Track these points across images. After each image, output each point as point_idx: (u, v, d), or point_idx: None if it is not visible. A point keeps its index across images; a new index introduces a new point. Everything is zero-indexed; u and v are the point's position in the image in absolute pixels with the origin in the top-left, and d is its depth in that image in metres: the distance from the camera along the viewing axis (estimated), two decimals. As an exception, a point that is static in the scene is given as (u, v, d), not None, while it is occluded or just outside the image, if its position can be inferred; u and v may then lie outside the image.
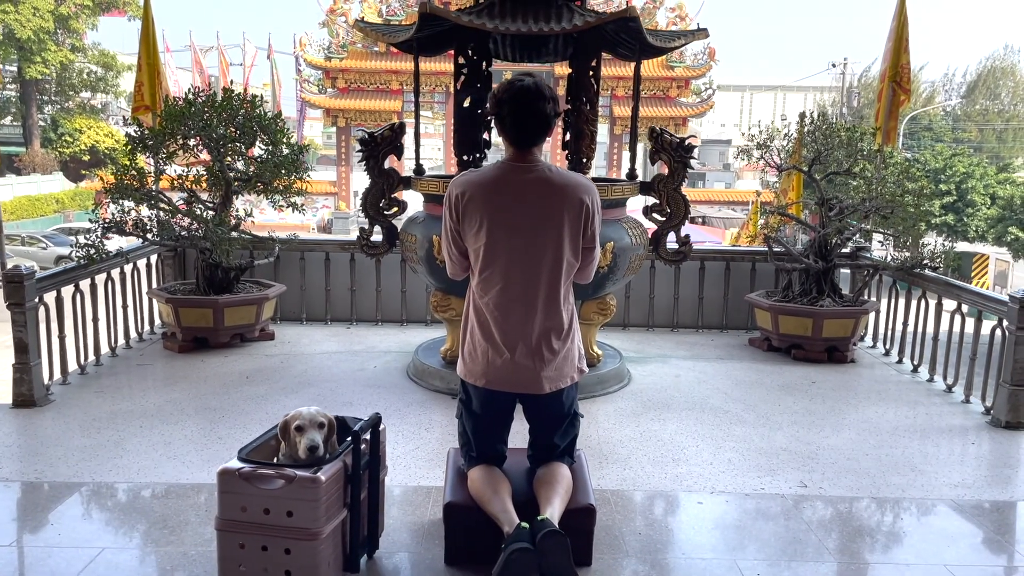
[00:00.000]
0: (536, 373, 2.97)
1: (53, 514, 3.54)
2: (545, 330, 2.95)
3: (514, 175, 2.92)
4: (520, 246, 2.90)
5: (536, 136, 2.91)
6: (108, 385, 5.37)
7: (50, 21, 35.17)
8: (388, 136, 5.33)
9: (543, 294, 2.93)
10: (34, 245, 23.49)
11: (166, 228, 6.15)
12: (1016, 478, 4.25)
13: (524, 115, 2.86)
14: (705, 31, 5.37)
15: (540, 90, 2.84)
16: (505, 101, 2.85)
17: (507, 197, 2.90)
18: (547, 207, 2.90)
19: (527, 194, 2.90)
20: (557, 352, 2.98)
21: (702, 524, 3.62)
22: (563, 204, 2.90)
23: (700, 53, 30.85)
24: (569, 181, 2.95)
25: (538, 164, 2.94)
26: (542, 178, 2.91)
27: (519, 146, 2.92)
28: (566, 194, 2.91)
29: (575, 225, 2.92)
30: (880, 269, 6.49)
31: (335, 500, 2.77)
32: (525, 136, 2.90)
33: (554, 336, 2.97)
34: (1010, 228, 25.88)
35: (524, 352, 2.95)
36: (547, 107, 2.85)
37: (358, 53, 30.17)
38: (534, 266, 2.91)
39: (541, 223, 2.90)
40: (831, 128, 6.56)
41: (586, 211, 2.93)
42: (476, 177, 2.97)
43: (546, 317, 2.95)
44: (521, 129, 2.89)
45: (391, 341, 6.56)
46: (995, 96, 47.13)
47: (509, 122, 2.88)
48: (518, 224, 2.89)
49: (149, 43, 7.27)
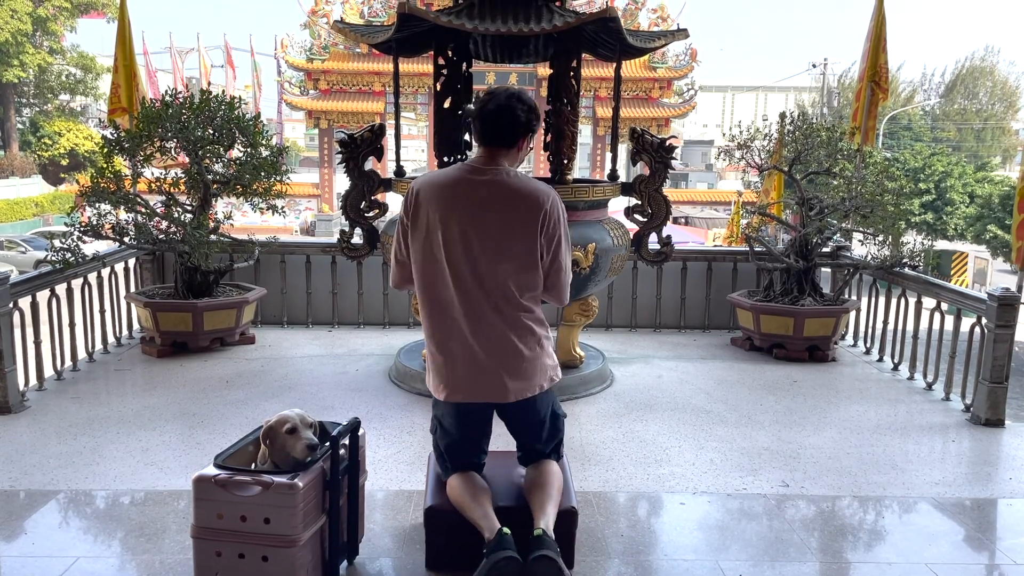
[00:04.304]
0: (500, 382, 2.86)
1: (28, 522, 3.48)
2: (503, 340, 2.83)
3: (471, 176, 2.84)
4: (472, 253, 2.78)
5: (503, 134, 2.84)
6: (85, 391, 5.30)
7: (28, 23, 34.79)
8: (368, 138, 5.29)
9: (494, 304, 2.81)
10: (12, 249, 23.22)
11: (144, 231, 6.08)
12: (996, 475, 4.28)
13: (496, 112, 2.81)
14: (685, 31, 5.39)
15: (520, 95, 2.83)
16: (484, 97, 2.85)
17: (459, 199, 2.81)
18: (500, 213, 2.80)
19: (480, 198, 2.80)
20: (521, 361, 2.86)
21: (685, 525, 3.61)
22: (518, 211, 2.80)
23: (682, 54, 31.01)
24: (527, 187, 2.83)
25: (498, 168, 2.84)
26: (498, 181, 2.82)
27: (484, 141, 2.86)
28: (522, 200, 2.80)
29: (530, 233, 2.79)
30: (860, 268, 6.52)
31: (313, 506, 2.73)
32: (492, 133, 2.84)
33: (517, 345, 2.85)
34: (988, 226, 26.18)
35: (482, 362, 2.84)
36: (520, 109, 2.81)
37: (340, 55, 30.09)
38: (483, 274, 2.79)
39: (493, 230, 2.79)
40: (811, 128, 6.58)
41: (544, 219, 2.80)
42: (433, 176, 2.92)
43: (505, 327, 2.83)
44: (489, 125, 2.83)
45: (373, 344, 6.52)
46: (973, 96, 47.61)
47: (480, 116, 2.84)
48: (469, 231, 2.78)
49: (126, 45, 7.19)
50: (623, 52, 5.35)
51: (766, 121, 6.98)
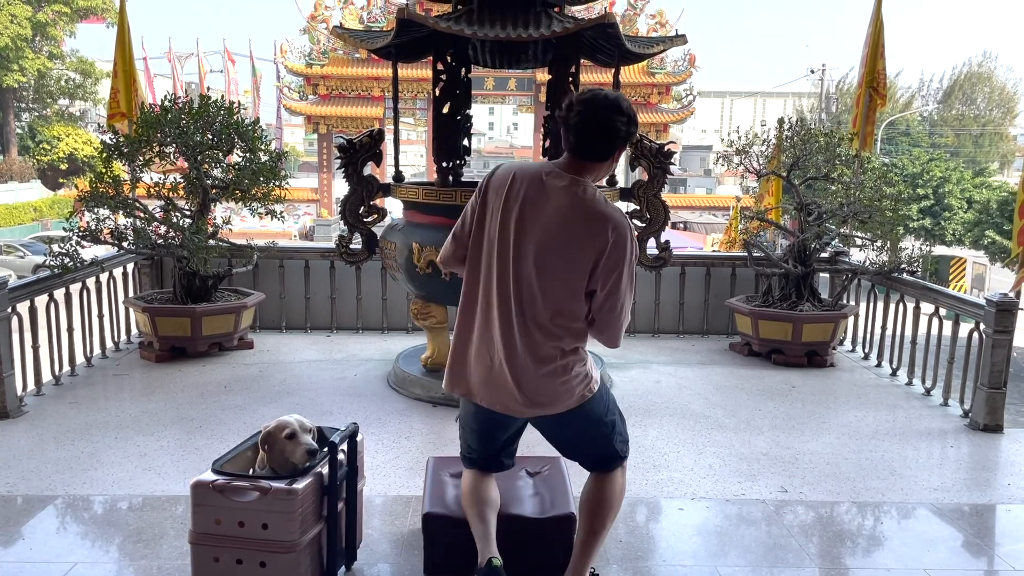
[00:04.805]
0: (512, 396, 2.66)
1: (26, 528, 3.48)
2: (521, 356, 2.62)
3: (548, 179, 2.61)
4: (522, 254, 2.57)
5: (596, 146, 2.59)
6: (83, 396, 5.30)
7: (27, 28, 34.84)
8: (367, 143, 5.30)
9: (524, 318, 2.59)
10: (11, 254, 23.19)
11: (143, 236, 6.08)
12: (995, 481, 4.28)
13: (592, 124, 2.56)
14: (683, 37, 5.39)
15: (619, 104, 2.55)
16: (578, 103, 2.57)
17: (527, 200, 2.59)
18: (562, 228, 2.56)
19: (547, 206, 2.58)
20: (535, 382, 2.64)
21: (683, 531, 3.61)
22: (582, 231, 2.56)
23: (680, 59, 31.04)
24: (601, 210, 2.57)
25: (579, 180, 2.60)
26: (573, 193, 2.58)
27: (575, 152, 2.61)
28: (590, 221, 2.56)
29: (585, 259, 2.55)
30: (859, 273, 6.53)
31: (311, 512, 2.73)
32: (585, 146, 2.59)
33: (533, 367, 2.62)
34: (987, 232, 26.20)
35: (496, 371, 2.66)
36: (620, 122, 2.55)
37: (339, 60, 30.12)
38: (522, 283, 2.58)
39: (549, 243, 2.56)
40: (809, 133, 6.59)
41: (607, 249, 2.54)
42: (515, 166, 2.70)
43: (525, 344, 2.61)
44: (583, 137, 2.58)
45: (372, 349, 6.52)
46: (971, 101, 47.69)
47: (572, 123, 2.57)
48: (527, 232, 2.57)
49: (125, 50, 7.20)
50: (622, 58, 5.36)
51: (764, 126, 6.99)
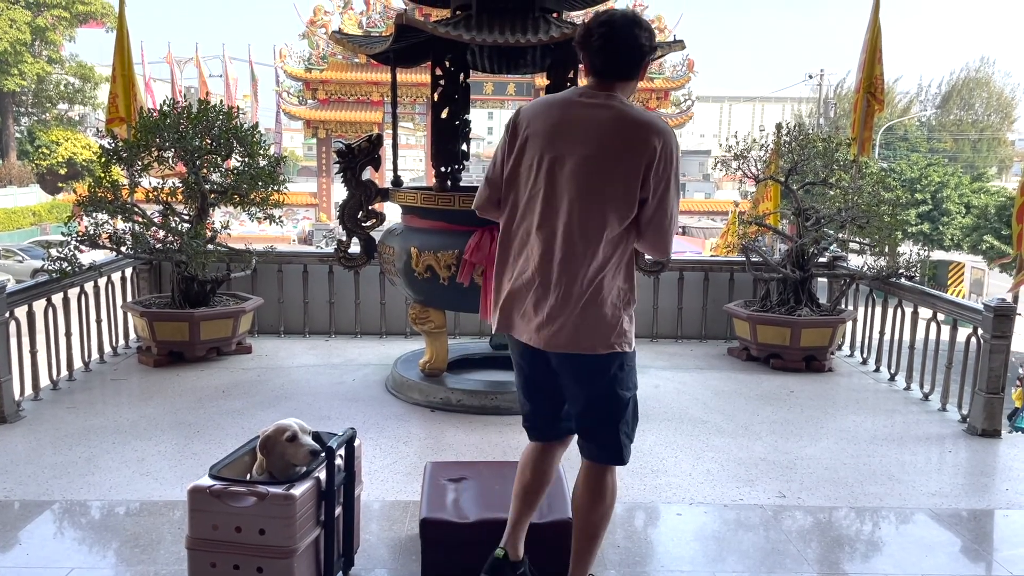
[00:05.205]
0: (540, 326, 2.60)
1: (23, 533, 3.47)
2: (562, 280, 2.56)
3: (583, 99, 2.59)
4: (562, 178, 2.55)
5: (622, 65, 2.57)
6: (81, 401, 5.29)
7: (27, 33, 34.89)
8: (365, 148, 5.30)
9: (574, 239, 2.54)
10: (10, 258, 23.21)
11: (141, 241, 6.08)
12: (993, 486, 4.28)
13: (614, 39, 2.53)
14: (681, 43, 5.40)
15: (636, 17, 2.55)
16: (597, 25, 2.54)
17: (565, 122, 2.58)
18: (605, 142, 2.53)
19: (586, 123, 2.55)
20: (568, 310, 2.56)
21: (681, 536, 3.61)
22: (625, 142, 2.53)
23: (679, 64, 31.06)
24: (645, 119, 2.56)
25: (613, 96, 2.58)
26: (613, 107, 2.56)
27: (601, 74, 2.58)
28: (633, 132, 2.53)
29: (634, 169, 2.51)
30: (857, 278, 6.54)
31: (309, 517, 2.72)
32: (610, 62, 2.56)
33: (570, 291, 2.55)
34: (985, 236, 26.26)
35: (533, 300, 2.61)
36: (642, 36, 2.54)
37: (338, 64, 30.12)
38: (571, 203, 2.54)
39: (596, 159, 2.53)
40: (808, 138, 6.60)
41: (652, 156, 2.51)
42: (541, 99, 2.71)
43: (570, 265, 2.55)
44: (607, 54, 2.54)
45: (370, 354, 6.52)
46: (969, 107, 47.84)
47: (597, 45, 2.53)
48: (565, 154, 2.55)
49: (124, 54, 7.20)
50: (620, 63, 5.36)
51: (763, 131, 7.00)
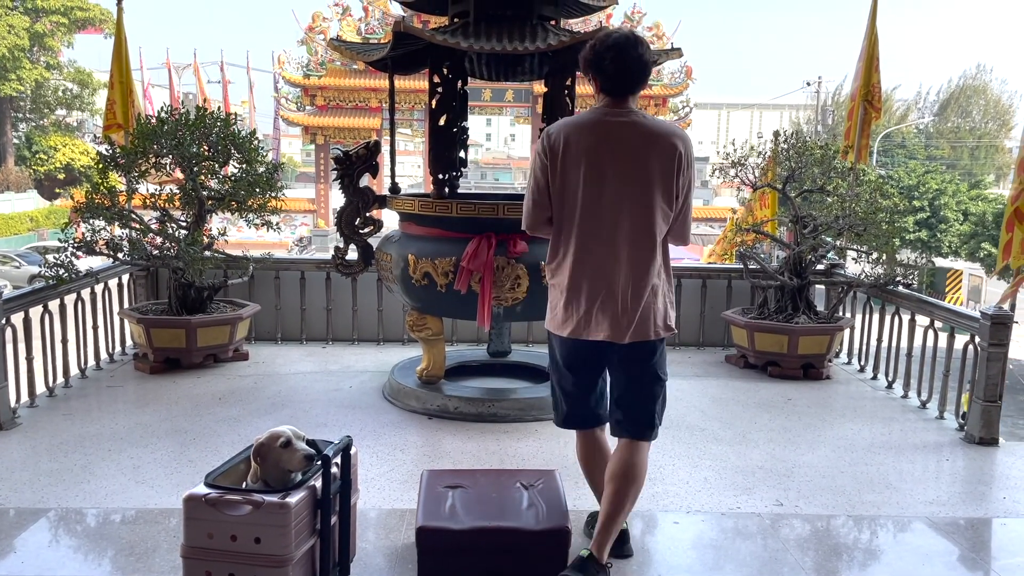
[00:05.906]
0: (618, 322, 2.97)
1: (18, 540, 3.45)
2: (629, 279, 2.96)
3: (609, 119, 2.97)
4: (609, 192, 2.93)
5: (635, 83, 2.97)
6: (77, 407, 5.27)
7: (25, 38, 34.91)
8: (363, 154, 5.30)
9: (630, 242, 2.95)
10: (7, 264, 23.19)
11: (138, 247, 6.06)
12: (990, 495, 4.27)
13: (625, 61, 2.91)
14: (679, 51, 5.40)
15: (637, 37, 2.96)
16: (605, 50, 2.92)
17: (601, 141, 2.94)
18: (639, 153, 2.93)
19: (620, 139, 2.94)
20: (640, 304, 2.98)
21: (679, 544, 3.60)
22: (655, 151, 2.93)
23: (677, 72, 31.15)
24: (663, 128, 2.99)
25: (632, 111, 2.99)
26: (637, 123, 2.96)
27: (616, 93, 2.98)
28: (659, 141, 2.94)
29: (667, 174, 2.94)
30: (854, 286, 6.54)
31: (305, 526, 2.72)
32: (624, 82, 2.95)
33: (639, 286, 2.97)
34: (983, 244, 26.28)
35: (607, 301, 2.97)
36: (646, 53, 2.94)
37: (337, 71, 30.16)
38: (622, 212, 2.94)
39: (633, 169, 2.93)
40: (805, 146, 6.61)
41: (679, 159, 2.95)
42: (572, 120, 3.05)
43: (632, 266, 2.96)
44: (621, 75, 2.94)
45: (367, 361, 6.51)
46: (967, 114, 47.95)
47: (611, 69, 2.92)
48: (608, 170, 2.93)
49: (122, 61, 7.21)
50: (618, 71, 5.36)
51: (760, 138, 7.01)
